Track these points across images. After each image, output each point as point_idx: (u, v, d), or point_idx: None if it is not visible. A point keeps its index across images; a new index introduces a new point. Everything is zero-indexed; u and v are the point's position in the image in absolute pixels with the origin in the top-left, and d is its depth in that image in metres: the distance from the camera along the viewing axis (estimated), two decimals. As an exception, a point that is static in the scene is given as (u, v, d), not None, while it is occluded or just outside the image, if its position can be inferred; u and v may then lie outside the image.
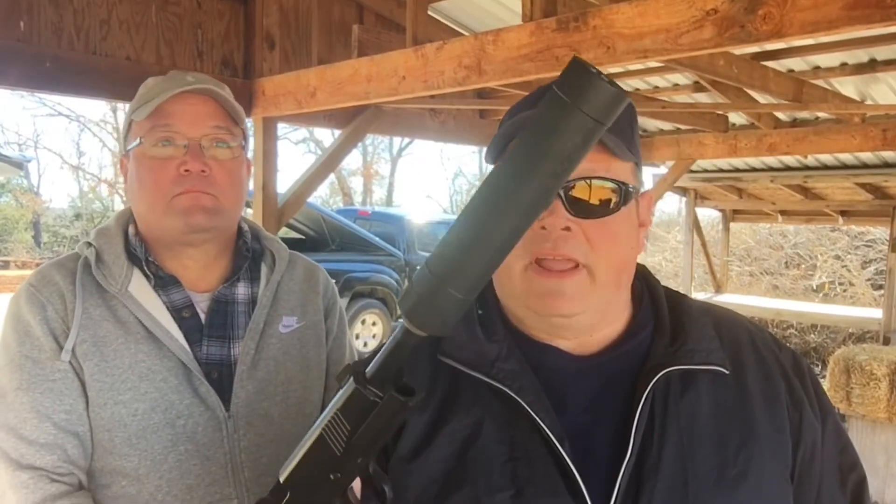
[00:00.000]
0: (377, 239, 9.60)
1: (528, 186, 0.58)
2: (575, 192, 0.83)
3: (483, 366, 0.85)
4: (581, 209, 0.83)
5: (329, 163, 4.29)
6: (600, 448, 0.82)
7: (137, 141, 1.25)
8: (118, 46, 3.23)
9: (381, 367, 0.69)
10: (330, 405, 0.70)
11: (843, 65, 4.27)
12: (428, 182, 54.18)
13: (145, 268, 1.27)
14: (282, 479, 0.72)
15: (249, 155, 1.41)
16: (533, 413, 0.81)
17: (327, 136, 21.00)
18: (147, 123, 1.24)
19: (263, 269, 1.38)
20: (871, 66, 4.17)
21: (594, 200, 0.84)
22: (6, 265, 16.77)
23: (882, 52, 4.02)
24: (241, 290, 1.34)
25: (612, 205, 0.84)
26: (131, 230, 1.30)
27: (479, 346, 0.87)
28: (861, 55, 4.11)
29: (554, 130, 0.56)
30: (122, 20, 3.24)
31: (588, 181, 0.83)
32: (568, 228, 0.83)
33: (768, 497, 0.82)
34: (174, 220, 1.23)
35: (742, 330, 0.94)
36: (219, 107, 1.27)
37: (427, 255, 0.62)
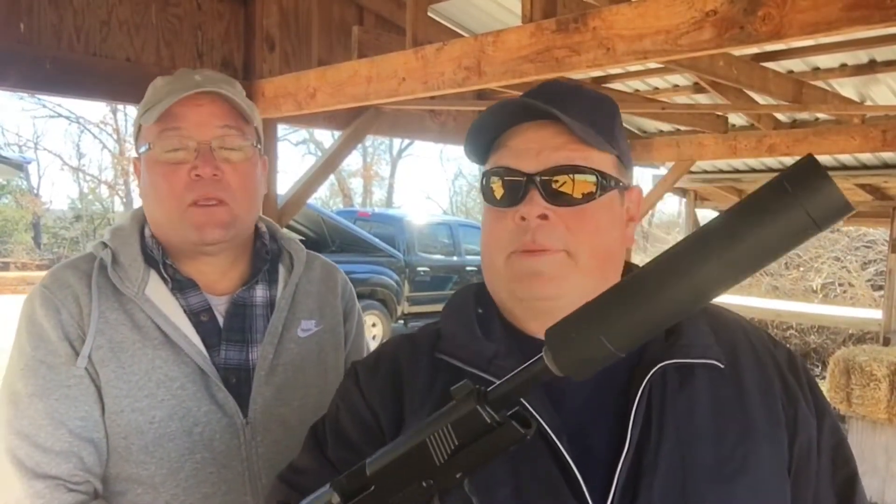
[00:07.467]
0: (377, 240, 9.62)
1: (721, 264, 0.56)
2: (552, 182, 0.85)
3: (481, 363, 0.86)
4: (558, 198, 0.85)
5: (329, 164, 4.29)
6: (598, 444, 0.83)
7: (147, 146, 1.22)
8: (118, 48, 3.23)
9: (506, 393, 0.67)
10: (440, 413, 0.69)
11: (843, 66, 4.27)
12: (428, 183, 54.27)
13: (162, 270, 1.24)
14: (369, 472, 0.71)
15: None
16: (531, 409, 0.81)
17: (327, 137, 21.02)
18: (156, 128, 1.20)
19: (281, 270, 1.35)
20: (871, 66, 4.17)
21: (570, 189, 0.86)
22: (6, 266, 16.78)
23: (882, 53, 4.02)
24: (260, 292, 1.31)
25: (589, 193, 0.86)
26: (147, 231, 1.27)
27: (477, 344, 0.89)
28: (861, 56, 4.11)
29: (768, 220, 0.54)
30: (122, 21, 3.24)
31: (566, 172, 0.85)
32: (545, 216, 0.85)
33: (766, 491, 0.82)
34: (189, 232, 1.20)
35: (737, 327, 0.94)
36: (228, 106, 1.23)
37: (426, 256, 0.61)
